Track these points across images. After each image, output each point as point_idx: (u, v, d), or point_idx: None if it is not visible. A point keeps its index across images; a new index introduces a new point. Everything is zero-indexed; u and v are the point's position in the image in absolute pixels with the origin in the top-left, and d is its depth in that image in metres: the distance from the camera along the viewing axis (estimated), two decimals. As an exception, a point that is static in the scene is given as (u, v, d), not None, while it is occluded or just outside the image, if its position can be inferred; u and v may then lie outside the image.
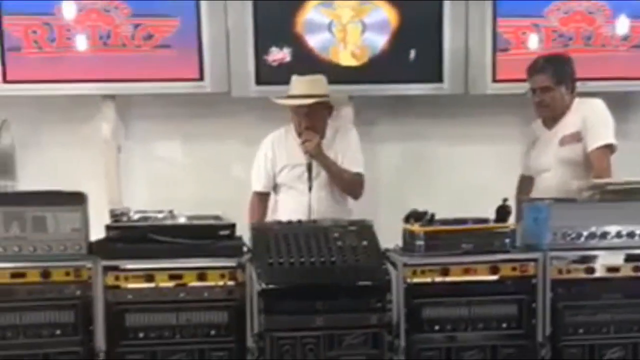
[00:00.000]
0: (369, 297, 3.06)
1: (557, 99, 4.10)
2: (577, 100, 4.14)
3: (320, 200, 4.18)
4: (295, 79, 4.30)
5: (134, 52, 4.66)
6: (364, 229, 3.31)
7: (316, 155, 4.16)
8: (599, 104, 4.09)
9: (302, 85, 4.24)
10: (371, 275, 3.08)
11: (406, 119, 4.91)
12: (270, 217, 4.31)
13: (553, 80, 4.08)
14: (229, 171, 4.86)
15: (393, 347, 3.08)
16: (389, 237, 3.34)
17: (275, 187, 4.37)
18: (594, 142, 3.99)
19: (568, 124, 4.09)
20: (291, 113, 4.26)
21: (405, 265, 3.13)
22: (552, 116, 4.16)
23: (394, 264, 3.16)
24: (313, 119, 4.20)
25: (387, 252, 3.28)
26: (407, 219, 3.30)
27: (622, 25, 4.83)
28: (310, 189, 4.15)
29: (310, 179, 4.15)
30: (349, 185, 4.27)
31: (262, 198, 4.39)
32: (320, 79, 4.31)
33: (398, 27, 4.74)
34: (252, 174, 4.38)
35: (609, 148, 4.00)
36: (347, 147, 4.29)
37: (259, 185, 4.37)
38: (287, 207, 4.19)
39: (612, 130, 4.02)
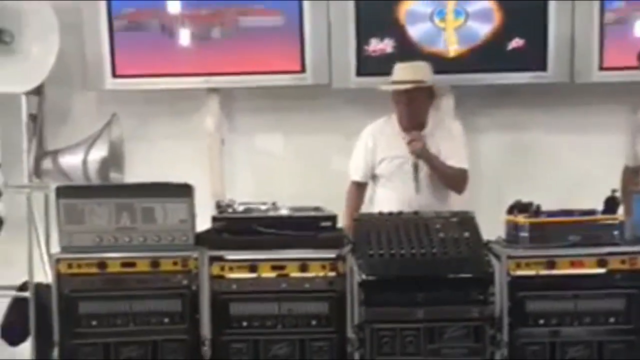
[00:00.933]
0: (471, 290, 3.03)
1: None
2: None
3: (422, 196, 4.12)
4: (397, 65, 4.27)
5: (237, 45, 4.73)
6: (466, 221, 3.28)
7: (422, 155, 4.10)
8: None
9: (404, 71, 4.20)
10: (473, 267, 3.05)
11: (509, 109, 4.81)
12: (367, 209, 4.29)
13: None
14: (329, 163, 4.87)
15: (495, 341, 3.04)
16: (491, 229, 3.30)
17: (374, 178, 4.35)
18: None
19: None
20: (393, 102, 4.22)
21: (509, 257, 3.08)
22: None
23: (497, 256, 3.12)
24: (414, 107, 4.15)
25: (489, 243, 3.23)
26: (511, 210, 3.25)
27: None
28: (417, 190, 4.09)
29: (416, 179, 4.09)
30: (453, 181, 4.20)
31: (359, 188, 4.36)
32: (423, 65, 4.27)
33: (501, 15, 4.65)
34: (350, 163, 4.37)
35: None
36: (451, 141, 4.22)
37: (357, 175, 4.35)
38: (386, 201, 4.12)
39: None
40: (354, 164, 4.36)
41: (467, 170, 4.23)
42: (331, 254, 3.12)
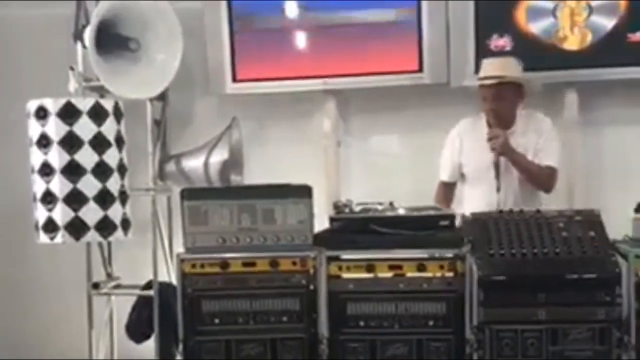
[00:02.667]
0: (597, 291, 2.94)
1: None
2: None
3: (509, 197, 3.99)
4: (485, 61, 4.19)
5: (352, 46, 4.74)
6: (591, 219, 3.18)
7: (504, 152, 3.96)
8: None
9: (491, 67, 4.09)
10: (599, 267, 2.95)
11: (633, 103, 4.62)
12: (455, 210, 4.15)
13: None
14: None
15: (622, 344, 2.93)
16: (619, 228, 3.18)
17: (462, 178, 4.25)
18: None
19: None
20: (481, 98, 4.10)
21: (637, 257, 2.97)
22: None
23: (624, 256, 3.00)
24: (500, 104, 4.02)
25: (616, 243, 3.11)
26: (639, 208, 3.13)
27: None
28: (498, 189, 3.95)
29: (498, 177, 3.95)
30: (539, 179, 4.04)
31: (447, 188, 4.27)
32: (510, 60, 4.15)
33: (627, 9, 4.48)
34: (440, 162, 4.30)
35: None
36: (540, 138, 4.06)
37: (444, 175, 4.27)
38: (472, 201, 4.00)
39: None
40: (442, 164, 4.29)
41: (556, 168, 4.06)
42: (449, 254, 3.09)
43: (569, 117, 4.58)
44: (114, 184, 4.10)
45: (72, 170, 3.98)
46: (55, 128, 3.98)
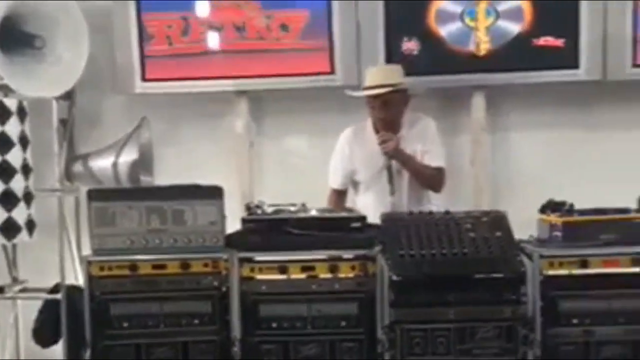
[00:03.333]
0: (503, 290, 3.01)
1: None
2: None
3: (403, 200, 4.09)
4: (369, 69, 4.25)
5: (265, 48, 4.72)
6: (498, 220, 3.25)
7: (395, 155, 4.05)
8: None
9: (377, 76, 4.14)
10: (505, 266, 3.02)
11: (540, 107, 4.76)
12: None
13: None
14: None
15: (527, 341, 3.01)
16: (524, 228, 3.26)
17: (354, 185, 4.30)
18: None
19: None
20: (367, 106, 4.16)
21: (541, 256, 3.06)
22: None
23: (529, 256, 3.09)
24: (389, 110, 4.09)
25: (521, 243, 3.20)
26: (544, 209, 3.22)
27: None
28: (392, 192, 4.04)
29: (391, 181, 4.04)
30: (430, 180, 4.15)
31: (339, 196, 4.30)
32: (394, 67, 4.23)
33: (532, 14, 4.60)
34: (329, 169, 4.33)
35: None
36: (426, 140, 4.16)
37: (335, 182, 4.30)
38: (369, 207, 3.95)
39: None
40: (332, 171, 4.32)
41: (444, 168, 4.18)
42: (361, 255, 3.11)
43: (476, 120, 4.68)
44: (18, 185, 4.02)
45: (-26, 171, 3.88)
46: (-44, 128, 3.87)
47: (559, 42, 4.58)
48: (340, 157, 4.29)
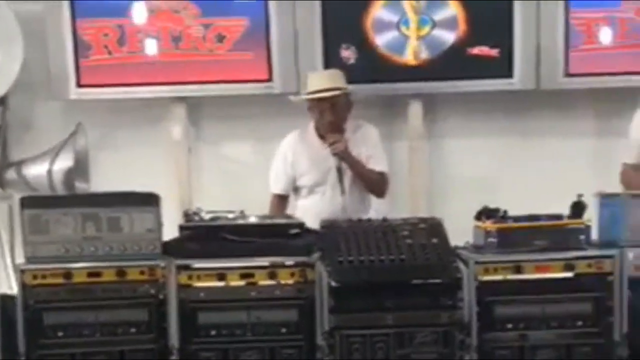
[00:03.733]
0: (440, 295, 3.04)
1: None
2: None
3: (351, 202, 4.13)
4: (311, 74, 4.29)
5: (203, 55, 4.70)
6: (434, 227, 3.28)
7: (345, 157, 4.10)
8: None
9: (322, 80, 4.19)
10: (442, 273, 3.05)
11: (474, 116, 4.84)
12: None
13: None
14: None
15: (464, 346, 3.05)
16: (459, 234, 3.31)
17: (296, 190, 4.32)
18: None
19: None
20: (310, 112, 4.20)
21: (477, 262, 3.10)
22: None
23: (465, 262, 3.13)
24: (336, 114, 4.12)
25: (457, 249, 3.24)
26: (479, 216, 3.27)
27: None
28: (343, 192, 4.10)
29: (341, 181, 4.10)
30: (375, 184, 4.21)
31: (281, 200, 4.32)
32: (337, 72, 4.27)
33: (467, 23, 4.68)
34: (270, 175, 4.34)
35: None
36: (369, 146, 4.22)
37: (277, 188, 4.31)
38: (313, 211, 3.99)
39: None
40: (273, 177, 4.33)
41: (387, 173, 4.24)
42: (300, 261, 3.11)
43: (413, 128, 4.74)
44: (-53, 192, 3.91)
45: None
46: None
47: (494, 52, 4.68)
48: (283, 163, 4.29)
